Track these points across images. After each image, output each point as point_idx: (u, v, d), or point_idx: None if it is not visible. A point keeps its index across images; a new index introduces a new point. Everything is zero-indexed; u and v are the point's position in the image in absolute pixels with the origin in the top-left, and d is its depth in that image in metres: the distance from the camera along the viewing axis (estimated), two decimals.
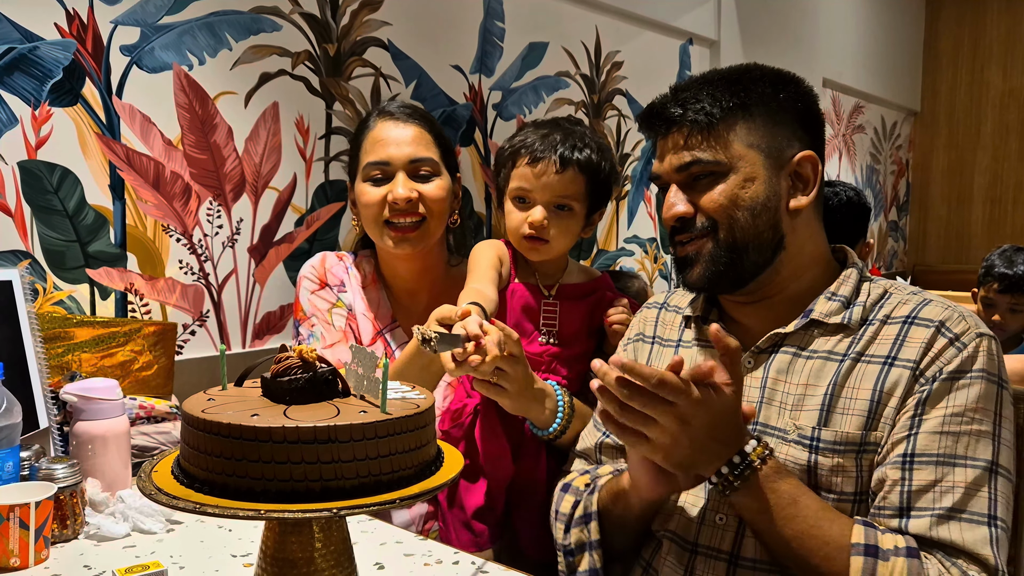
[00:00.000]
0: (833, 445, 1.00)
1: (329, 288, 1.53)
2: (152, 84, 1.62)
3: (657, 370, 0.88)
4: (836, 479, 1.00)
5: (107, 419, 1.21)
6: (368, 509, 0.70)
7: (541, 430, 1.32)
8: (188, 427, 0.75)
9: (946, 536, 0.92)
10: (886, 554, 0.90)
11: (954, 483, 0.94)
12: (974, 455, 0.95)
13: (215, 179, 1.72)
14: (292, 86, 1.86)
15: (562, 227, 1.36)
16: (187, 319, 1.71)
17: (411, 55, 2.11)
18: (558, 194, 1.34)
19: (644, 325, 1.30)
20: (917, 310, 1.03)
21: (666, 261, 3.07)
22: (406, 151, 1.46)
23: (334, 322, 1.50)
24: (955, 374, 0.97)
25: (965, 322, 1.01)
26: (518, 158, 1.36)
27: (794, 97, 1.10)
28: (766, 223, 1.07)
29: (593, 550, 1.13)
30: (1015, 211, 4.94)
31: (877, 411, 1.00)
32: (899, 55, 4.89)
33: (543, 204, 1.34)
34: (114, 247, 1.59)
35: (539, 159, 1.33)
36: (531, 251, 1.38)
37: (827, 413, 1.02)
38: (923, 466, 0.95)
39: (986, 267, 2.84)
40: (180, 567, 1.02)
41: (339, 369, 0.81)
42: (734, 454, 0.94)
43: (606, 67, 2.74)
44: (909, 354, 1.00)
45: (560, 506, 1.19)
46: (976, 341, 0.99)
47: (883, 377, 1.00)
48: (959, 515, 0.92)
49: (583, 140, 1.35)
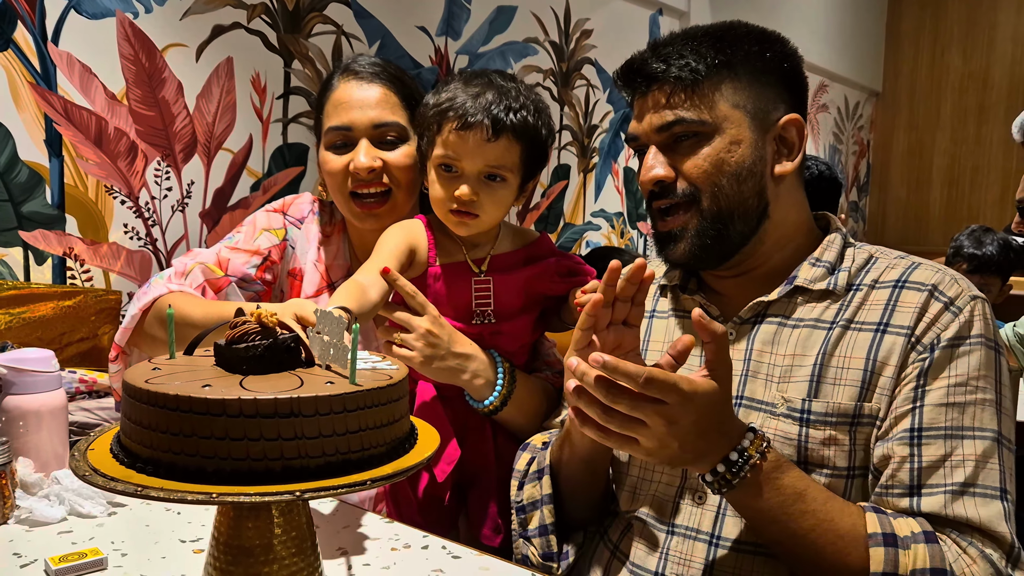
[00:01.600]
0: (824, 417, 0.95)
1: (283, 215, 1.42)
2: (93, 31, 1.49)
3: (644, 367, 0.79)
4: (828, 452, 0.95)
5: (41, 393, 1.10)
6: (336, 492, 0.62)
7: (477, 403, 1.23)
8: (130, 399, 0.66)
9: (961, 513, 0.88)
10: (905, 541, 0.85)
11: (964, 456, 0.90)
12: (981, 425, 0.91)
13: (164, 138, 1.60)
14: (248, 41, 1.74)
15: (494, 199, 1.19)
16: (132, 287, 1.60)
17: (375, 14, 2.00)
18: (490, 164, 1.17)
19: None
20: (907, 274, 0.99)
21: (633, 236, 3.01)
22: (369, 115, 1.33)
23: (258, 239, 1.38)
24: (954, 341, 0.94)
25: (958, 285, 0.97)
26: (445, 121, 1.18)
27: (780, 57, 1.04)
28: (751, 189, 1.01)
29: (544, 505, 1.08)
30: (972, 193, 5.01)
31: (871, 380, 0.95)
32: (863, 35, 4.89)
33: (472, 175, 1.18)
34: (51, 208, 1.47)
35: (469, 125, 1.15)
36: (459, 226, 1.22)
37: (817, 384, 0.97)
38: (931, 440, 0.91)
39: (955, 247, 2.85)
40: (122, 554, 0.93)
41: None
42: (730, 450, 0.86)
43: (575, 35, 2.66)
44: (903, 320, 0.96)
45: (517, 463, 1.14)
46: (971, 304, 0.95)
47: (876, 345, 0.96)
48: (971, 490, 0.89)
49: (518, 100, 1.18)
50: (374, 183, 1.32)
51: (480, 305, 1.23)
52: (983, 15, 4.94)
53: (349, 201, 1.34)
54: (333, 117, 1.34)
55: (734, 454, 0.85)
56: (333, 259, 1.43)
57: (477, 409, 1.22)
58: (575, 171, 2.72)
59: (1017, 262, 2.85)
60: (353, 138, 1.33)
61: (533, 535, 1.10)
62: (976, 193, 4.99)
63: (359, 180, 1.32)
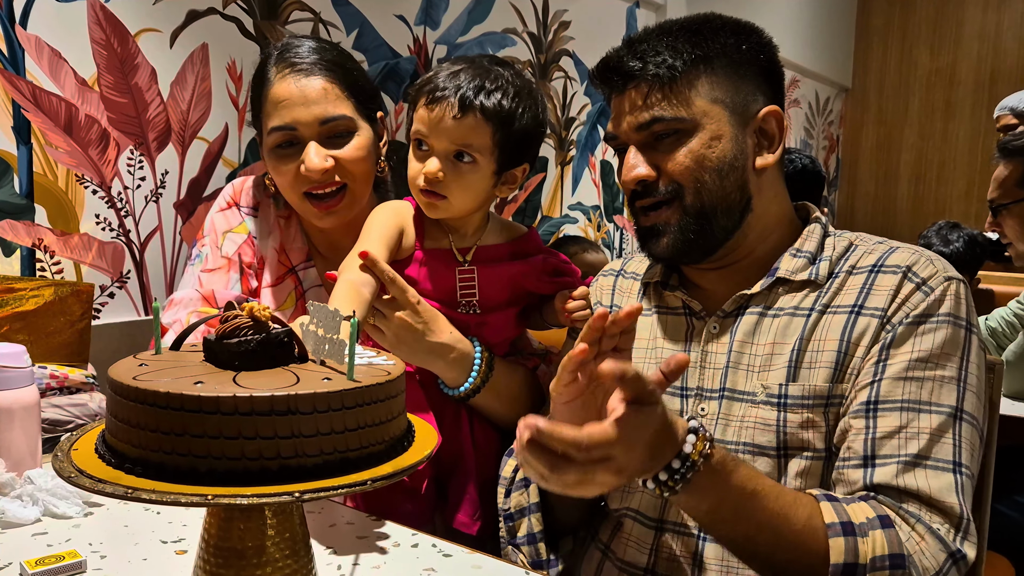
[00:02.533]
0: (801, 400, 0.96)
1: (237, 209, 1.36)
2: (62, 14, 1.44)
3: (582, 432, 0.72)
4: (806, 435, 0.95)
5: (12, 389, 1.06)
6: (336, 492, 0.60)
7: (451, 388, 1.20)
8: (116, 397, 0.63)
9: (912, 484, 0.88)
10: (862, 528, 0.85)
11: (919, 429, 0.90)
12: (939, 401, 0.91)
13: (136, 126, 1.56)
14: (223, 27, 1.69)
15: (462, 182, 1.16)
16: (105, 280, 1.55)
17: (353, 1, 1.96)
18: (455, 141, 1.14)
19: (600, 294, 1.23)
20: (884, 258, 1.00)
21: (609, 229, 3.01)
22: (314, 111, 1.24)
23: (223, 247, 1.32)
24: (920, 318, 0.94)
25: (933, 266, 0.97)
26: (419, 96, 1.17)
27: (756, 48, 1.03)
28: (733, 184, 1.01)
29: (532, 514, 1.07)
30: (939, 188, 5.08)
31: (844, 362, 0.96)
32: (833, 31, 4.94)
33: (439, 153, 1.15)
34: (19, 197, 1.42)
35: (437, 100, 1.13)
36: (428, 207, 1.19)
37: (795, 369, 0.97)
38: (887, 412, 0.91)
39: (923, 244, 2.89)
40: (101, 556, 0.90)
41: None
42: (673, 458, 0.81)
43: (553, 26, 2.64)
44: (877, 302, 0.96)
45: (503, 471, 1.13)
46: (944, 285, 0.95)
47: (850, 326, 0.96)
48: (924, 462, 0.89)
49: (497, 83, 1.15)
50: (327, 183, 1.27)
51: (465, 295, 1.22)
52: (950, 12, 5.01)
53: (304, 202, 1.29)
54: (274, 116, 1.26)
55: (676, 461, 0.81)
56: (292, 242, 1.39)
57: (451, 396, 1.21)
58: (552, 164, 2.71)
59: (983, 256, 2.90)
60: (299, 137, 1.26)
61: (522, 543, 1.09)
62: (943, 187, 5.07)
63: (312, 182, 1.26)
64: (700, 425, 0.83)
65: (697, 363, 1.05)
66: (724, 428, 1.00)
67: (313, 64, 1.27)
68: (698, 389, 1.04)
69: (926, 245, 2.87)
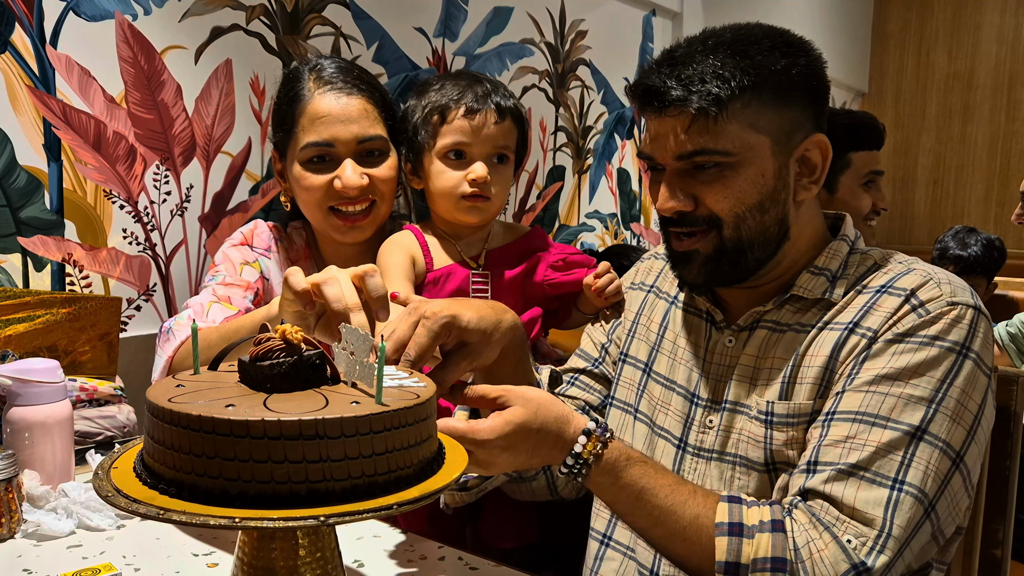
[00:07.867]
0: (786, 418, 0.96)
1: (250, 248, 1.39)
2: (91, 34, 1.47)
3: (469, 426, 0.88)
4: (791, 452, 0.96)
5: (47, 404, 1.09)
6: (362, 516, 0.61)
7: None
8: (152, 418, 0.65)
9: (838, 492, 0.87)
10: (751, 531, 0.87)
11: (866, 441, 0.88)
12: (898, 418, 0.88)
13: (163, 141, 1.59)
14: (246, 43, 1.72)
15: (501, 181, 1.29)
16: (132, 293, 1.58)
17: (373, 15, 1.99)
18: (498, 145, 1.27)
19: (647, 274, 1.24)
20: (894, 280, 0.96)
21: (626, 237, 3.02)
22: (353, 130, 1.28)
23: (242, 273, 1.35)
24: (901, 336, 0.91)
25: (939, 289, 0.93)
26: (448, 112, 1.25)
27: (806, 72, 0.98)
28: (773, 219, 0.99)
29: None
30: (956, 193, 5.05)
31: (827, 378, 0.95)
32: (850, 36, 4.92)
33: (482, 157, 1.26)
34: (50, 213, 1.45)
35: (477, 110, 1.25)
36: (471, 211, 1.26)
37: (788, 385, 0.98)
38: (840, 423, 0.90)
39: (940, 249, 2.88)
40: (135, 569, 0.92)
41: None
42: (566, 456, 0.92)
43: (570, 35, 2.66)
44: (871, 322, 0.94)
45: None
46: (945, 308, 0.91)
47: (840, 343, 0.95)
48: (860, 472, 0.87)
49: (506, 91, 1.30)
50: (360, 200, 1.30)
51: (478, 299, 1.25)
52: (968, 16, 4.98)
53: (329, 215, 1.31)
54: (311, 132, 1.28)
55: (570, 459, 0.91)
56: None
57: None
58: (570, 172, 2.72)
59: (1001, 260, 2.88)
60: (335, 154, 1.29)
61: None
62: (960, 192, 5.04)
63: (343, 198, 1.29)
64: (600, 427, 0.92)
65: (710, 374, 1.06)
66: (725, 440, 1.02)
67: (352, 84, 1.30)
68: (708, 400, 1.05)
69: (943, 249, 2.85)
